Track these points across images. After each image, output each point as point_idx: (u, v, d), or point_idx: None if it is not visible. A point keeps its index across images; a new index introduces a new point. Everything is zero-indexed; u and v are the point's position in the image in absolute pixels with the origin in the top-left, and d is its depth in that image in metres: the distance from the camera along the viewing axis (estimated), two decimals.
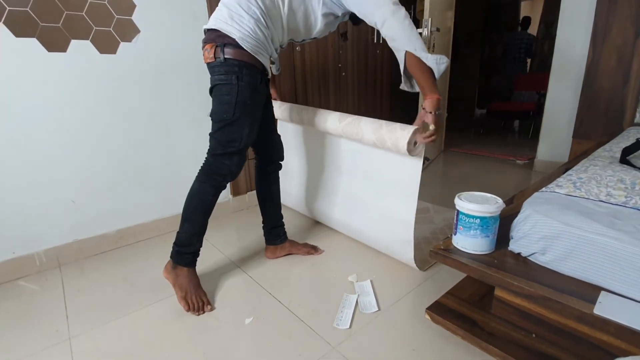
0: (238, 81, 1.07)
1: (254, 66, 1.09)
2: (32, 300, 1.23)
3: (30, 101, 1.30)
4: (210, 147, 1.14)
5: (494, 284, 0.79)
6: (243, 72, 1.07)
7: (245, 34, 1.04)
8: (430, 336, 0.99)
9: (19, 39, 1.24)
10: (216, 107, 1.10)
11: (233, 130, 1.11)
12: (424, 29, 2.28)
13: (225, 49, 1.04)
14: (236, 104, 1.08)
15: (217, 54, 1.05)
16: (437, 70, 1.06)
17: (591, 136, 2.14)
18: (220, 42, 1.04)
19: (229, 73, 1.06)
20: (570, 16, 2.23)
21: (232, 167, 1.14)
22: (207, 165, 1.14)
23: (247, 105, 1.10)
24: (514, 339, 0.82)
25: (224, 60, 1.05)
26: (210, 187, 1.14)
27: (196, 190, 1.15)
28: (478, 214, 0.82)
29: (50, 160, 1.38)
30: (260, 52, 1.09)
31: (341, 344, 0.97)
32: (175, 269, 1.16)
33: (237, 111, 1.08)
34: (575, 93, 2.23)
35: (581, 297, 0.69)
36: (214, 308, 1.16)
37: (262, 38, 1.08)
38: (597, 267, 0.71)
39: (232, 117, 1.09)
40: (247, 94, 1.09)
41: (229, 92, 1.07)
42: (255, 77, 1.11)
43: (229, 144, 1.11)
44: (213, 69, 1.09)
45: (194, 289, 1.16)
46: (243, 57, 1.06)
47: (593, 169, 1.10)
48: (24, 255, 1.38)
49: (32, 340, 1.04)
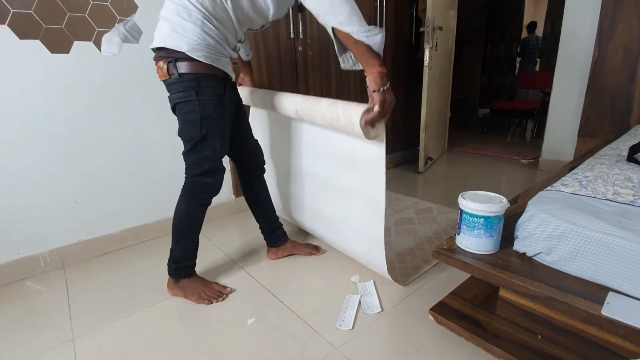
0: (198, 96, 1.01)
1: (213, 75, 1.04)
2: (36, 301, 1.23)
3: (33, 102, 1.31)
4: (187, 168, 1.11)
5: (499, 284, 0.78)
6: (202, 86, 1.01)
7: (194, 44, 0.97)
8: (434, 337, 0.98)
9: (23, 40, 1.25)
10: (182, 126, 1.06)
11: (205, 147, 1.07)
12: (426, 27, 2.26)
13: (177, 63, 0.98)
14: (201, 120, 1.03)
15: (170, 70, 0.99)
16: (372, 43, 0.90)
17: (597, 134, 2.12)
18: (171, 58, 0.98)
19: (187, 89, 1.01)
20: (575, 13, 2.20)
21: (214, 184, 1.13)
22: (190, 186, 1.12)
23: (213, 119, 1.06)
24: (519, 340, 0.81)
25: (179, 77, 1.00)
26: (198, 206, 1.14)
27: (184, 211, 1.14)
28: (482, 213, 0.81)
29: (53, 161, 1.39)
30: (215, 58, 1.03)
31: (344, 345, 0.97)
32: (178, 283, 1.19)
33: (204, 128, 1.04)
34: (581, 91, 2.21)
35: (588, 297, 0.68)
36: (230, 290, 1.22)
37: (213, 43, 1.01)
38: (604, 267, 0.70)
39: (200, 135, 1.05)
40: (211, 108, 1.04)
41: (191, 110, 1.03)
42: (216, 87, 1.05)
43: (204, 161, 1.09)
44: (170, 87, 1.04)
45: (203, 287, 1.20)
46: (199, 69, 1.00)
47: (599, 167, 1.08)
48: (29, 256, 1.39)
49: (36, 340, 1.04)
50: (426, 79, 2.36)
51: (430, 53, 2.31)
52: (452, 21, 2.76)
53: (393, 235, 1.60)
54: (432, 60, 2.36)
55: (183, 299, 1.20)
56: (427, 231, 1.62)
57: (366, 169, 1.13)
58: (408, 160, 2.94)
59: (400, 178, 2.48)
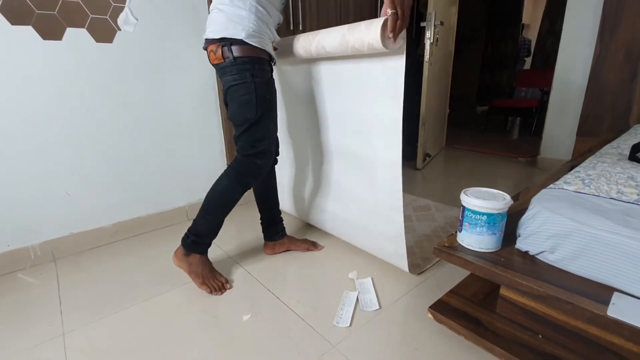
0: (253, 78, 1.05)
1: (264, 59, 1.08)
2: (25, 295, 1.20)
3: (25, 91, 1.27)
4: (239, 150, 1.13)
5: (502, 282, 0.76)
6: (256, 68, 1.05)
7: (250, 31, 1.02)
8: (433, 335, 0.96)
9: (15, 26, 1.21)
10: (236, 109, 1.08)
11: (259, 129, 1.10)
12: (428, 22, 2.24)
13: (232, 47, 1.01)
14: (257, 102, 1.06)
15: (225, 53, 1.02)
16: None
17: (596, 133, 2.11)
18: (226, 42, 1.02)
19: (242, 72, 1.04)
20: (576, 10, 2.18)
21: (263, 167, 1.15)
22: (239, 165, 1.13)
23: (267, 100, 1.09)
24: (520, 340, 0.79)
25: (234, 60, 1.02)
26: (240, 187, 1.14)
27: (225, 187, 1.13)
28: (485, 210, 0.79)
29: (45, 152, 1.35)
30: (266, 42, 1.08)
31: (341, 342, 0.95)
32: (187, 257, 1.16)
33: (259, 109, 1.07)
34: (581, 89, 2.19)
35: (593, 297, 0.66)
36: (232, 286, 1.21)
37: (265, 29, 1.06)
38: (609, 266, 0.68)
39: (256, 116, 1.07)
40: (265, 90, 1.08)
41: (246, 92, 1.05)
42: (267, 70, 1.10)
43: (258, 143, 1.11)
44: (224, 70, 1.06)
45: (210, 273, 1.19)
46: (252, 53, 1.03)
47: (601, 166, 1.07)
48: (19, 249, 1.35)
49: (26, 335, 1.01)
50: (426, 75, 2.33)
51: (431, 48, 2.29)
52: (453, 17, 2.74)
53: None
54: (432, 55, 2.33)
55: (177, 292, 1.17)
56: (426, 229, 1.61)
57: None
58: (406, 157, 2.92)
59: None
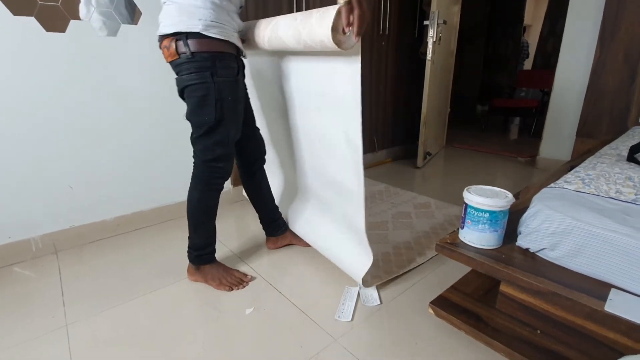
0: (214, 78, 0.94)
1: (229, 54, 0.97)
2: (27, 286, 1.21)
3: (27, 83, 1.26)
4: (196, 153, 1.06)
5: (502, 279, 0.78)
6: (217, 66, 0.94)
7: (208, 21, 0.90)
8: (433, 330, 0.98)
9: (17, 17, 1.20)
10: (194, 110, 0.98)
11: (218, 132, 1.01)
12: (431, 21, 2.24)
13: (188, 40, 0.89)
14: (216, 104, 0.96)
15: (180, 48, 0.90)
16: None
17: (595, 135, 2.13)
18: (181, 35, 0.90)
19: (200, 70, 0.92)
20: (578, 12, 2.20)
21: (226, 169, 1.10)
22: (201, 172, 1.07)
23: (229, 102, 0.99)
24: (519, 335, 0.81)
25: (191, 56, 0.91)
26: (212, 192, 1.11)
27: (198, 198, 1.10)
28: (487, 208, 0.80)
29: (47, 144, 1.35)
30: (230, 33, 0.95)
31: (343, 336, 0.96)
32: (199, 270, 1.19)
33: (219, 112, 0.98)
34: (581, 91, 2.21)
35: (591, 294, 0.68)
36: (253, 277, 1.23)
37: (225, 17, 0.93)
38: (608, 264, 0.70)
39: (215, 120, 0.98)
40: (227, 90, 0.97)
41: (205, 93, 0.95)
42: (231, 67, 0.98)
43: (217, 147, 1.03)
44: (179, 68, 0.94)
45: (224, 272, 1.20)
46: (213, 47, 0.92)
47: (600, 166, 1.09)
48: (20, 241, 1.36)
49: (28, 326, 1.02)
50: (428, 73, 2.34)
51: (433, 47, 2.29)
52: (456, 16, 2.74)
53: (390, 228, 1.60)
54: (434, 54, 2.34)
55: (179, 285, 1.18)
56: (425, 226, 1.62)
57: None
58: (407, 155, 2.94)
59: (399, 172, 2.48)
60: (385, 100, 2.66)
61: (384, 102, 2.65)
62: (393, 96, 2.71)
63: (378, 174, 2.43)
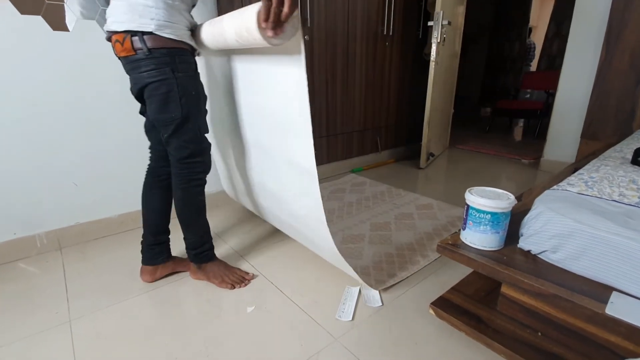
0: (175, 73, 0.93)
1: (185, 49, 0.96)
2: (32, 282, 1.22)
3: (33, 81, 1.28)
4: (171, 152, 1.04)
5: (504, 280, 0.78)
6: (177, 61, 0.92)
7: (162, 22, 0.88)
8: (433, 331, 0.98)
9: (24, 16, 1.22)
10: (158, 108, 0.96)
11: (188, 129, 1.00)
12: (435, 22, 2.24)
13: (144, 37, 0.88)
14: (181, 99, 0.95)
15: (136, 44, 0.88)
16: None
17: (600, 137, 2.12)
18: (135, 31, 0.87)
19: (160, 66, 0.90)
20: (584, 14, 2.18)
21: (205, 162, 1.09)
22: (179, 172, 1.05)
23: (193, 97, 0.99)
24: (520, 337, 0.81)
25: (149, 52, 0.89)
26: (196, 188, 1.09)
27: (182, 198, 1.08)
28: (489, 209, 0.80)
29: (53, 142, 1.36)
30: (183, 33, 0.95)
31: (343, 335, 0.97)
32: (200, 268, 1.18)
33: (185, 108, 0.97)
34: (586, 93, 2.20)
35: (593, 296, 0.68)
36: (254, 275, 1.23)
37: (178, 17, 0.92)
38: (609, 266, 0.70)
39: (182, 115, 0.97)
40: (189, 85, 0.97)
41: (168, 89, 0.93)
42: (190, 62, 0.98)
43: (190, 143, 1.02)
44: (136, 64, 0.91)
45: (226, 270, 1.20)
46: (169, 44, 0.91)
47: (604, 168, 1.08)
48: (25, 237, 1.37)
49: (32, 321, 1.03)
50: (432, 74, 2.34)
51: (437, 48, 2.29)
52: (460, 17, 2.74)
53: (393, 229, 1.60)
54: (438, 55, 2.34)
55: (182, 283, 1.19)
56: (427, 227, 1.62)
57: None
58: (410, 156, 2.94)
59: (401, 173, 2.48)
60: (389, 101, 2.66)
61: (387, 102, 2.65)
62: (396, 97, 2.71)
63: (381, 175, 2.43)
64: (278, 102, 1.00)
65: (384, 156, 2.77)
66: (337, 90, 2.27)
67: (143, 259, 1.20)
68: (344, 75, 2.27)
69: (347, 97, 2.34)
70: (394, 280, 1.21)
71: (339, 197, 2.00)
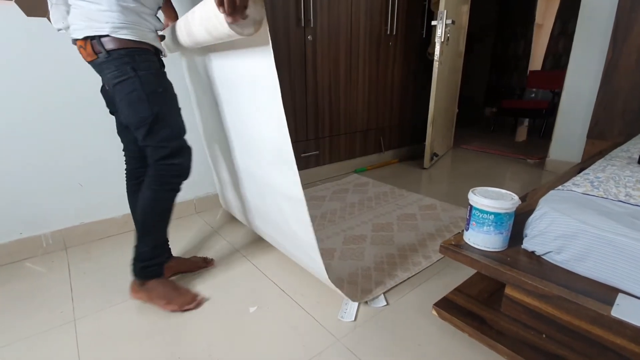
0: (136, 72, 0.91)
1: (145, 49, 0.95)
2: (38, 281, 1.23)
3: (38, 82, 1.29)
4: (149, 154, 1.00)
5: (507, 282, 0.77)
6: (137, 60, 0.92)
7: (117, 25, 0.88)
8: (436, 332, 0.97)
9: (30, 18, 1.23)
10: (126, 109, 0.94)
11: (163, 128, 0.96)
12: (439, 21, 2.23)
13: (102, 39, 0.88)
14: (148, 97, 0.93)
15: (95, 48, 0.89)
16: None
17: (606, 137, 2.09)
18: (93, 35, 0.88)
19: (121, 66, 0.90)
20: (589, 13, 2.16)
21: (184, 164, 1.02)
22: (155, 172, 1.00)
23: (160, 94, 0.96)
24: (524, 339, 0.80)
25: (108, 54, 0.89)
26: (168, 193, 1.02)
27: (152, 199, 1.01)
28: (492, 209, 0.79)
29: (58, 143, 1.38)
30: (144, 34, 0.94)
31: (345, 336, 0.96)
32: (143, 285, 1.06)
33: (153, 105, 0.94)
34: (592, 92, 2.18)
35: (598, 298, 0.67)
36: (206, 298, 1.12)
37: (137, 20, 0.92)
38: (615, 268, 0.69)
39: (151, 114, 0.94)
40: (154, 83, 0.95)
41: (132, 88, 0.92)
42: (153, 60, 0.96)
43: (166, 142, 0.98)
44: (101, 67, 0.93)
45: (173, 291, 1.08)
46: (127, 45, 0.90)
47: (611, 168, 1.07)
48: (31, 237, 1.39)
49: (37, 320, 1.04)
50: (436, 74, 2.33)
51: (441, 47, 2.28)
52: (465, 16, 2.72)
53: (395, 230, 1.59)
54: (442, 54, 2.32)
55: (185, 283, 1.19)
56: (430, 228, 1.61)
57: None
58: (413, 156, 2.92)
59: (405, 173, 2.47)
60: (392, 101, 2.65)
61: (391, 102, 2.64)
62: (400, 97, 2.70)
63: (384, 175, 2.43)
64: (255, 120, 0.98)
65: (387, 156, 2.76)
66: (341, 90, 2.26)
67: None
68: (347, 75, 2.27)
69: (351, 97, 2.34)
70: (395, 281, 1.20)
71: (341, 198, 1.99)
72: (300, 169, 2.19)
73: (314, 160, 2.27)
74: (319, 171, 2.31)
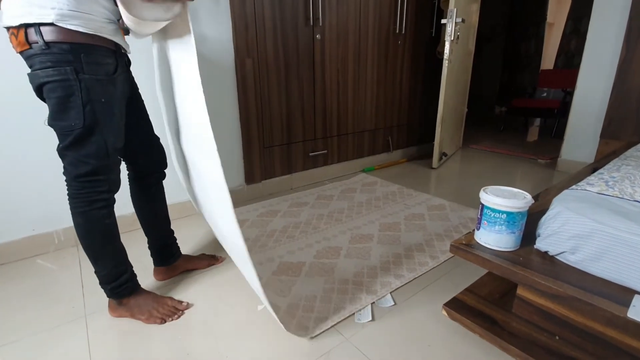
0: (78, 75, 0.76)
1: (99, 47, 0.79)
2: (49, 277, 1.25)
3: None
4: (66, 168, 0.86)
5: (520, 282, 0.76)
6: (83, 60, 0.76)
7: (65, 11, 0.72)
8: (446, 333, 0.96)
9: None
10: (55, 113, 0.79)
11: (91, 142, 0.82)
12: (448, 19, 2.21)
13: (41, 28, 0.72)
14: (85, 107, 0.79)
15: (30, 37, 0.73)
16: None
17: (620, 136, 2.05)
18: (32, 23, 0.72)
19: (59, 65, 0.75)
20: (603, 12, 2.12)
21: (111, 179, 0.90)
22: (76, 192, 0.87)
23: (101, 104, 0.81)
24: (536, 340, 0.79)
25: (46, 47, 0.73)
26: (100, 212, 0.89)
27: (84, 224, 0.89)
28: (505, 208, 0.78)
29: None
30: (99, 25, 0.77)
31: (354, 335, 0.96)
32: (121, 304, 1.01)
33: (89, 117, 0.80)
34: (605, 91, 2.14)
35: (613, 299, 0.65)
36: (190, 305, 1.08)
37: (92, 6, 0.76)
38: (631, 268, 0.67)
39: (83, 125, 0.80)
40: (98, 91, 0.80)
41: (68, 93, 0.77)
42: (104, 62, 0.80)
43: (90, 158, 0.84)
44: (32, 60, 0.76)
45: (154, 303, 1.03)
46: (75, 38, 0.74)
47: (626, 168, 1.05)
48: (44, 233, 1.41)
49: (49, 316, 1.06)
50: (445, 73, 2.31)
51: (451, 46, 2.26)
52: (475, 15, 2.69)
53: (402, 230, 1.58)
54: (452, 53, 2.30)
55: (193, 280, 1.20)
56: (438, 228, 1.60)
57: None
58: (422, 155, 2.90)
59: (413, 173, 2.45)
60: (401, 100, 2.64)
61: (400, 101, 2.63)
62: (409, 96, 2.68)
63: (392, 175, 2.41)
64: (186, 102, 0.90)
65: (395, 156, 2.75)
66: (349, 89, 2.26)
67: (154, 261, 1.21)
68: (355, 74, 2.26)
69: (359, 96, 2.33)
70: (400, 282, 1.19)
71: (349, 197, 1.99)
72: (308, 168, 2.19)
73: (322, 159, 2.26)
74: (327, 170, 2.31)
